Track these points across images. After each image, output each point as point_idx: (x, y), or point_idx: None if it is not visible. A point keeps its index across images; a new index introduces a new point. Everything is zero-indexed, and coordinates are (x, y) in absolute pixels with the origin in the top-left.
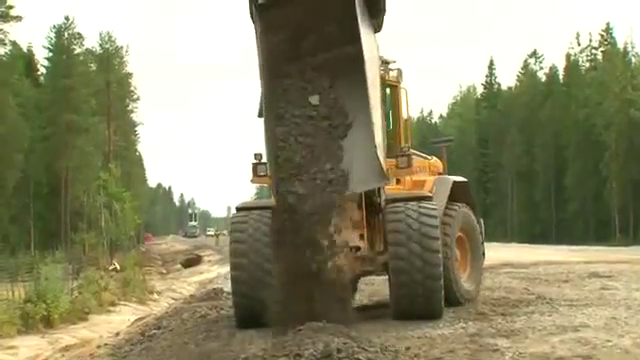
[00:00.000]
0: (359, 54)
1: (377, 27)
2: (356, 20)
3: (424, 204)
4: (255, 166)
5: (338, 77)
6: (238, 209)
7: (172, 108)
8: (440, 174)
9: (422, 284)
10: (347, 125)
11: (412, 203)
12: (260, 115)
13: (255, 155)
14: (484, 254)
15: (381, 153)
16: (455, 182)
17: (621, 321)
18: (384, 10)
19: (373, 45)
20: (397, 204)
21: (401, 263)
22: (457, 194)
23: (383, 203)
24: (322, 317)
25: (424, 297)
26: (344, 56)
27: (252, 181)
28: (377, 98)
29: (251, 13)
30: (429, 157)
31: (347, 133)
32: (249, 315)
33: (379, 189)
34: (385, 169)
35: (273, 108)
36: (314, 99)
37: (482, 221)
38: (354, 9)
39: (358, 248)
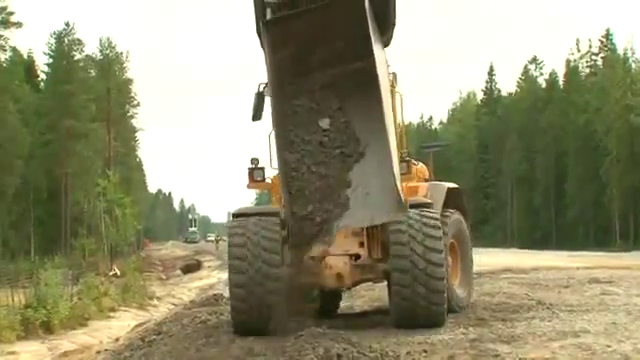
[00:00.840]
0: (371, 71)
1: (386, 42)
2: (368, 36)
3: (426, 213)
4: (251, 171)
5: (348, 98)
6: (235, 215)
7: (172, 114)
8: (426, 180)
9: (425, 298)
10: (360, 153)
11: (414, 211)
12: (254, 119)
13: (252, 160)
14: (472, 260)
15: (399, 182)
16: (449, 188)
17: (621, 326)
18: (394, 25)
19: (384, 62)
20: None
21: (404, 276)
22: (450, 200)
23: None
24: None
25: (427, 310)
26: (354, 74)
27: (248, 186)
28: (391, 120)
29: (258, 30)
30: (415, 163)
31: (360, 161)
32: (247, 322)
33: None
34: (404, 199)
35: (283, 133)
36: (324, 123)
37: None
38: (366, 24)
39: (358, 256)
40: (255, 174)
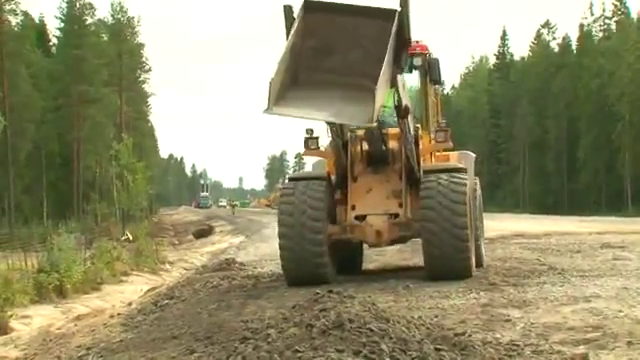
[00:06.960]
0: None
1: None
2: (382, 58)
3: (456, 174)
4: (306, 140)
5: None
6: (290, 179)
7: (184, 79)
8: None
9: (451, 244)
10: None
11: (445, 174)
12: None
13: (306, 130)
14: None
15: (378, 102)
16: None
17: (633, 291)
18: (409, 41)
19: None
20: (432, 175)
21: (430, 225)
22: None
23: (421, 174)
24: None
25: (451, 257)
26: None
27: (304, 154)
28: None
29: (287, 11)
30: None
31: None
32: (295, 270)
33: (418, 163)
34: (377, 115)
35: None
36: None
37: None
38: (385, 43)
39: (397, 215)
40: (310, 143)
